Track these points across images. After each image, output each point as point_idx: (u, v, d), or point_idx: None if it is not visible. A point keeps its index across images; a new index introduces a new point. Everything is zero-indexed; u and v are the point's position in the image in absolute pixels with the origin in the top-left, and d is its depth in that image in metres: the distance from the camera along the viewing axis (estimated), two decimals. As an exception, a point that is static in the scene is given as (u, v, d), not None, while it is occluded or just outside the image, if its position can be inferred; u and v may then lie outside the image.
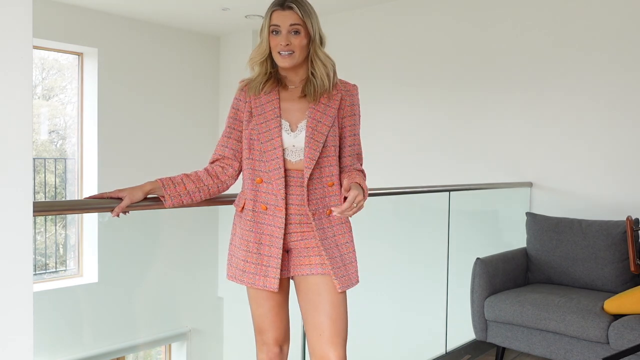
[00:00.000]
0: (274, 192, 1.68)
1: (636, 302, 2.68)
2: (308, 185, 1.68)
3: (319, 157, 1.69)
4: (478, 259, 3.14)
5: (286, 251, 1.72)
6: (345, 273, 1.70)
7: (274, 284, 1.67)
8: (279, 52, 1.69)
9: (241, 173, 1.81)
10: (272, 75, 1.76)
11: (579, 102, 3.66)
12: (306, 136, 1.69)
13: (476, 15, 4.18)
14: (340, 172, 1.78)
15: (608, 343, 2.66)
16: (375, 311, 4.07)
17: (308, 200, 1.69)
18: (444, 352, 3.31)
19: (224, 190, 1.82)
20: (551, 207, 3.70)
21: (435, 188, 3.55)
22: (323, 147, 1.70)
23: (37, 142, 5.37)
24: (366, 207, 1.65)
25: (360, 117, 1.83)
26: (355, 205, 1.60)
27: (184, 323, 5.48)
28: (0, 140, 0.80)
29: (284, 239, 1.70)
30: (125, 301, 5.01)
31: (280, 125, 1.70)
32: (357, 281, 1.75)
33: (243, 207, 1.74)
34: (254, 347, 1.84)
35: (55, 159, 5.46)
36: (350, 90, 1.79)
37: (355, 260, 1.76)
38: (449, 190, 3.53)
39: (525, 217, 3.50)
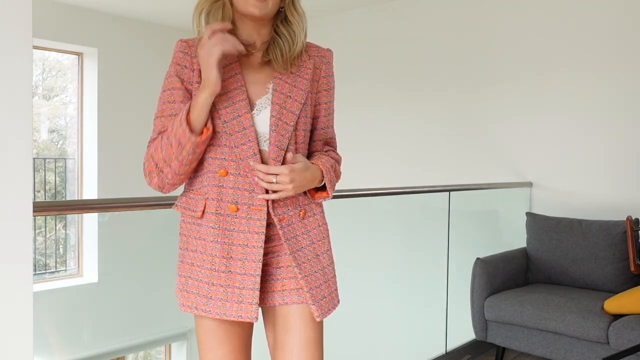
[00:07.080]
0: (245, 186, 1.26)
1: (636, 302, 2.67)
2: None
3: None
4: (478, 259, 3.14)
5: None
6: (327, 293, 1.31)
7: (253, 313, 1.24)
8: None
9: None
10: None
11: (579, 102, 3.66)
12: (272, 116, 1.27)
13: (475, 15, 4.17)
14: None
15: (608, 343, 2.65)
16: (375, 311, 4.06)
17: (273, 202, 1.27)
18: (444, 352, 3.30)
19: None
20: (551, 207, 3.70)
21: (435, 188, 3.56)
22: (292, 130, 1.29)
23: (38, 141, 5.37)
24: (366, 207, 1.58)
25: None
26: (274, 180, 1.21)
27: (184, 323, 5.48)
28: (0, 140, 0.80)
29: None
30: (125, 301, 4.99)
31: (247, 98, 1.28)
32: (339, 301, 1.38)
33: (204, 211, 1.29)
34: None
35: (55, 159, 5.45)
36: (325, 57, 1.37)
37: (335, 273, 1.39)
38: (449, 190, 3.53)
39: (525, 217, 3.50)
